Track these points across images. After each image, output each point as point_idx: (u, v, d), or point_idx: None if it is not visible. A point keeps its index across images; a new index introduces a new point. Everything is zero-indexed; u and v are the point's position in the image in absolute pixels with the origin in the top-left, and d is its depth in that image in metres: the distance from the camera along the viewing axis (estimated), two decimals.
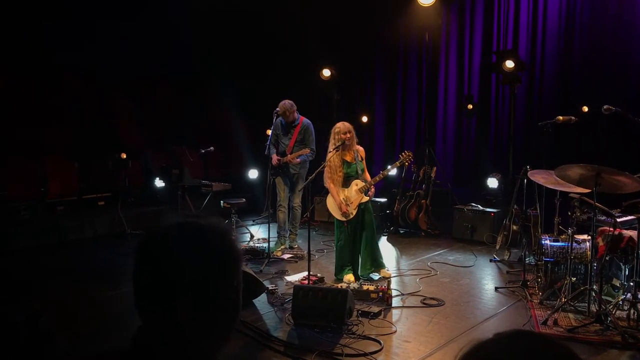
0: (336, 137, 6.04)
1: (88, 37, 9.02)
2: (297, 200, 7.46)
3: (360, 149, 6.24)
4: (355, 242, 6.15)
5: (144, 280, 1.18)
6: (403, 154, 6.14)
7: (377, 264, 6.25)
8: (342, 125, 6.08)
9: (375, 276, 6.23)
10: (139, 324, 1.19)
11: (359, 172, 6.10)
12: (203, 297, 1.16)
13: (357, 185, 6.04)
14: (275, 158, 7.20)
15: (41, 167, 8.87)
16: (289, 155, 7.13)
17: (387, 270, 6.32)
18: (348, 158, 6.10)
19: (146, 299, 1.18)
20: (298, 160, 7.14)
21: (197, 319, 1.16)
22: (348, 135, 6.00)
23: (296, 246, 7.56)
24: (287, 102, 7.12)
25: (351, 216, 6.03)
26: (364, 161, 6.22)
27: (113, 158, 9.21)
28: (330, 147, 6.06)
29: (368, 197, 6.07)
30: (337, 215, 6.12)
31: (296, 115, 7.20)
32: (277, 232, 7.52)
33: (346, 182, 6.08)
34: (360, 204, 6.06)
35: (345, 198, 6.03)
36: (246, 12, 9.98)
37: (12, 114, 8.54)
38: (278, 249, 7.32)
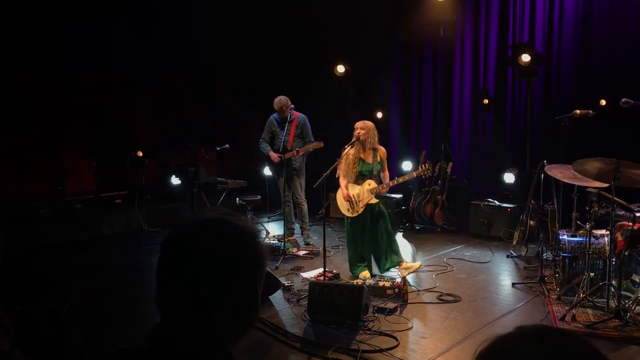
0: (354, 133, 6.04)
1: (107, 37, 9.10)
2: (302, 195, 7.51)
3: (381, 149, 6.13)
4: (364, 240, 6.08)
5: (168, 276, 1.18)
6: (423, 166, 6.08)
7: (392, 261, 6.08)
8: (359, 122, 6.07)
9: (393, 272, 6.15)
10: (157, 321, 1.20)
11: (374, 172, 6.02)
12: (226, 296, 1.16)
13: (369, 185, 5.98)
14: (275, 155, 7.27)
15: (59, 165, 8.97)
16: (295, 150, 7.17)
17: (407, 262, 6.22)
18: (365, 156, 6.05)
19: (168, 295, 1.18)
20: (302, 153, 7.21)
21: (217, 317, 1.16)
22: (361, 131, 5.96)
23: (311, 242, 7.57)
24: (282, 98, 7.23)
25: (357, 213, 6.00)
26: (384, 162, 6.12)
27: (130, 156, 9.29)
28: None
29: (377, 200, 6.01)
30: (343, 210, 6.12)
31: (291, 110, 7.25)
32: (285, 225, 7.56)
33: (359, 180, 6.04)
34: (370, 204, 6.00)
35: (354, 195, 5.99)
36: (261, 11, 9.99)
37: (31, 113, 8.63)
38: (289, 247, 7.30)
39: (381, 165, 6.06)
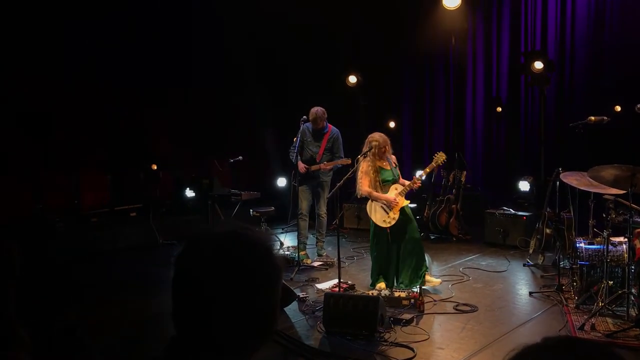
0: (367, 144, 5.94)
1: (120, 52, 9.21)
2: (324, 208, 7.43)
3: (393, 157, 6.11)
4: (390, 250, 5.92)
5: (184, 291, 1.17)
6: (436, 154, 5.99)
7: (419, 276, 5.87)
8: (375, 134, 6.02)
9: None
10: (173, 335, 1.19)
11: (395, 177, 5.96)
12: (242, 311, 1.15)
13: (396, 189, 5.86)
14: (302, 166, 7.16)
15: (75, 179, 9.05)
16: (323, 163, 7.09)
17: (433, 276, 6.16)
18: (382, 164, 5.97)
19: (184, 308, 1.17)
20: (329, 167, 7.14)
21: (233, 332, 1.15)
22: (375, 143, 5.86)
23: (325, 254, 7.54)
24: (319, 109, 7.14)
25: (393, 221, 5.80)
26: (397, 168, 6.09)
27: (144, 169, 9.36)
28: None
29: (408, 201, 5.90)
30: (378, 222, 5.86)
31: (325, 122, 7.22)
32: (298, 239, 7.51)
33: (383, 189, 5.91)
34: (402, 211, 5.85)
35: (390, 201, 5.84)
36: (273, 21, 10.05)
37: (47, 127, 8.74)
38: (303, 258, 7.26)
39: (398, 172, 6.04)
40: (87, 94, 9.30)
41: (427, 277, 5.97)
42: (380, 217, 5.86)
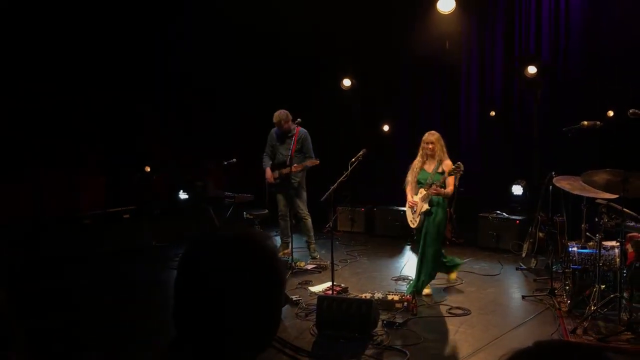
0: (421, 145, 6.09)
1: (115, 54, 9.19)
2: (305, 209, 7.45)
3: (447, 162, 5.96)
4: (419, 251, 6.02)
5: (187, 293, 1.17)
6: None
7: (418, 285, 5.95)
8: (427, 135, 6.11)
9: (402, 286, 6.10)
10: (171, 336, 1.18)
11: (429, 182, 5.90)
12: (245, 314, 1.15)
13: (421, 193, 5.95)
14: (269, 175, 7.29)
15: (70, 181, 9.02)
16: (294, 166, 7.12)
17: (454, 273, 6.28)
18: (427, 167, 6.03)
19: (187, 310, 1.17)
20: (300, 169, 7.18)
21: (236, 334, 1.15)
22: (430, 146, 5.99)
23: (318, 256, 7.53)
24: (282, 112, 7.18)
25: (416, 223, 5.97)
26: (446, 175, 5.81)
27: (138, 171, 9.33)
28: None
29: (427, 207, 5.86)
30: (408, 220, 6.14)
31: (291, 124, 7.22)
32: (280, 239, 7.54)
33: (417, 190, 6.04)
34: (424, 213, 5.91)
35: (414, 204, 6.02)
36: (266, 23, 10.05)
37: (41, 128, 8.71)
38: (298, 261, 7.26)
39: (439, 177, 5.84)
40: (81, 96, 9.28)
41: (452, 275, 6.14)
42: (409, 216, 6.12)
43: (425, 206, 5.87)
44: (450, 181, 5.88)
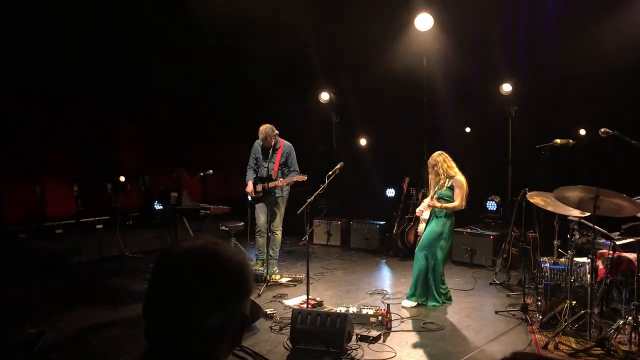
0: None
1: (88, 62, 9.06)
2: (280, 226, 7.39)
3: (456, 178, 6.25)
4: None
5: (157, 300, 1.18)
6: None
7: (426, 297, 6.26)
8: (430, 159, 6.46)
9: (377, 299, 6.12)
10: (141, 348, 1.18)
11: (435, 196, 6.22)
12: (213, 323, 1.16)
13: (423, 202, 6.37)
14: (250, 189, 7.25)
15: (40, 189, 8.86)
16: (279, 180, 7.09)
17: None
18: (437, 180, 6.33)
19: (156, 319, 1.18)
20: (285, 184, 7.14)
21: (203, 342, 1.16)
22: (434, 168, 6.35)
23: (277, 271, 7.40)
24: (268, 127, 7.13)
25: (421, 234, 6.36)
26: (456, 191, 6.21)
27: (112, 181, 9.21)
28: None
29: (425, 219, 6.31)
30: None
31: (277, 139, 7.21)
32: (256, 255, 7.48)
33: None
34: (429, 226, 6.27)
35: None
36: (244, 36, 10.04)
37: (12, 136, 8.55)
38: (273, 274, 7.16)
39: (450, 192, 6.19)
40: (53, 104, 9.14)
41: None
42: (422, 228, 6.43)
43: (424, 218, 6.31)
44: (457, 196, 6.19)
